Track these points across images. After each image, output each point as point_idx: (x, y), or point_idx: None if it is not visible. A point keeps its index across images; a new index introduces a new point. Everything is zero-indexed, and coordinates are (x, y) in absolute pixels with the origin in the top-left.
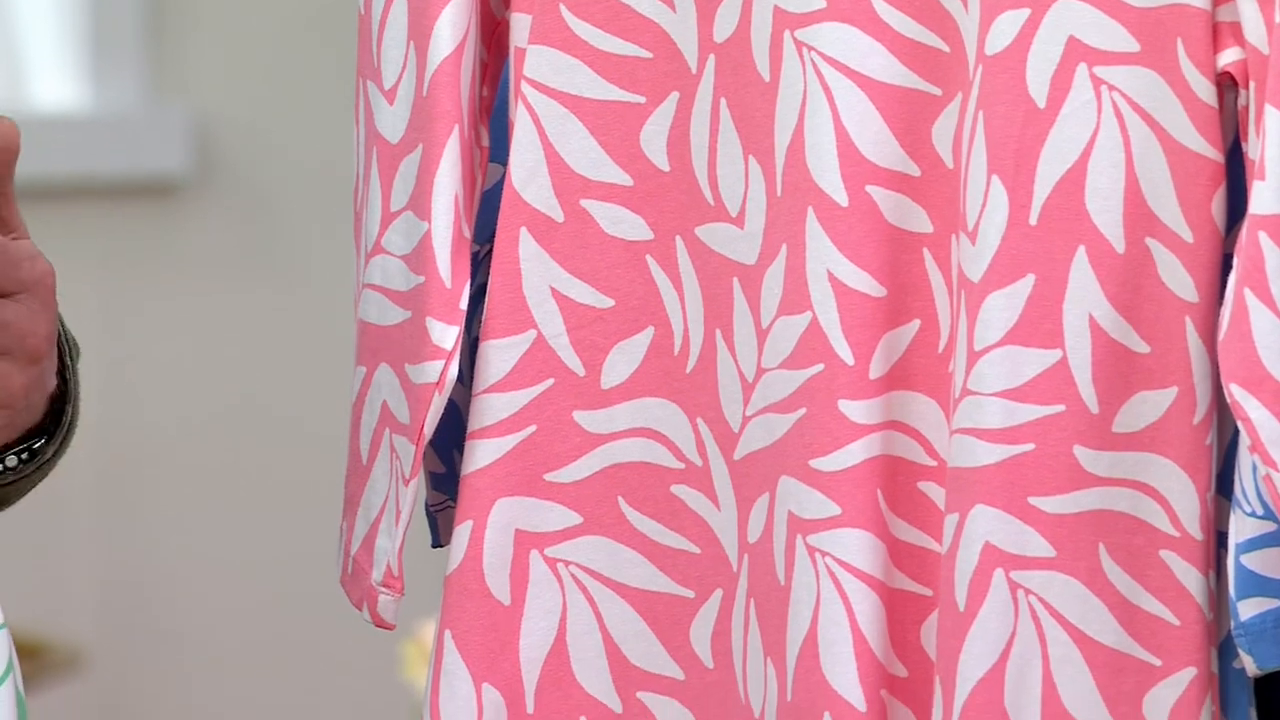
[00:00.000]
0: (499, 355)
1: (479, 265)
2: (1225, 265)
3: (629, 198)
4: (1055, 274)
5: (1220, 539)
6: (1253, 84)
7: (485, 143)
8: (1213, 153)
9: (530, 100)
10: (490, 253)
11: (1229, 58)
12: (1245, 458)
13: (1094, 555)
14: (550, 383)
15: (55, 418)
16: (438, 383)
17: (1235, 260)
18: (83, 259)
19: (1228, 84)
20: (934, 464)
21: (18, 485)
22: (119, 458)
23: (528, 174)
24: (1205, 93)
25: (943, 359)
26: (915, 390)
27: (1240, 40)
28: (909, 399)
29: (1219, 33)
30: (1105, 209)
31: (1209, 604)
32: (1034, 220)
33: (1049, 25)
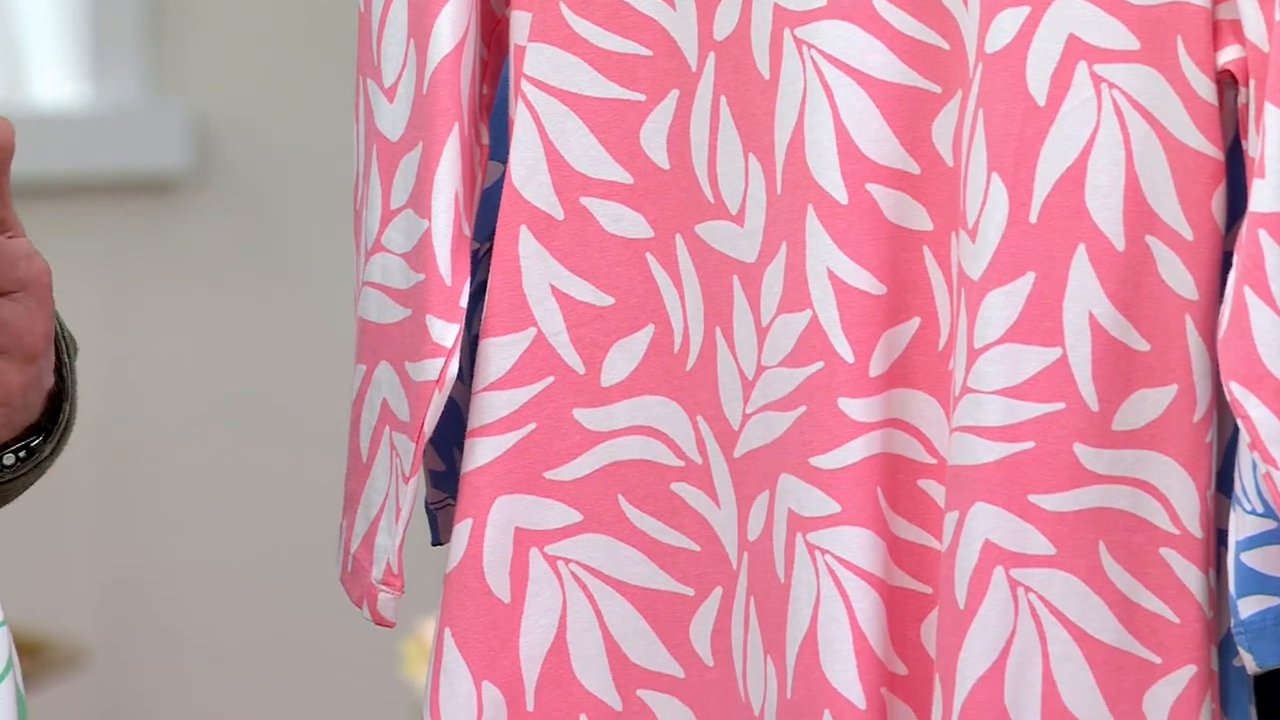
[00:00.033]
0: (499, 353)
1: (479, 263)
2: (1225, 263)
3: (629, 195)
4: (1055, 272)
5: (1220, 537)
6: (1253, 82)
7: (485, 140)
8: (1213, 150)
9: (530, 98)
10: (490, 250)
11: (1229, 55)
12: (1245, 455)
13: (1094, 553)
14: (550, 380)
15: (53, 416)
16: (438, 380)
17: (1235, 258)
18: (82, 256)
19: (1228, 82)
20: (934, 462)
21: (15, 484)
22: (119, 454)
23: (528, 172)
24: (1205, 90)
25: (943, 357)
26: (915, 388)
27: (1240, 38)
28: (909, 397)
29: (1219, 30)
30: (1105, 207)
31: (1209, 602)
32: (1034, 218)
33: (1049, 23)
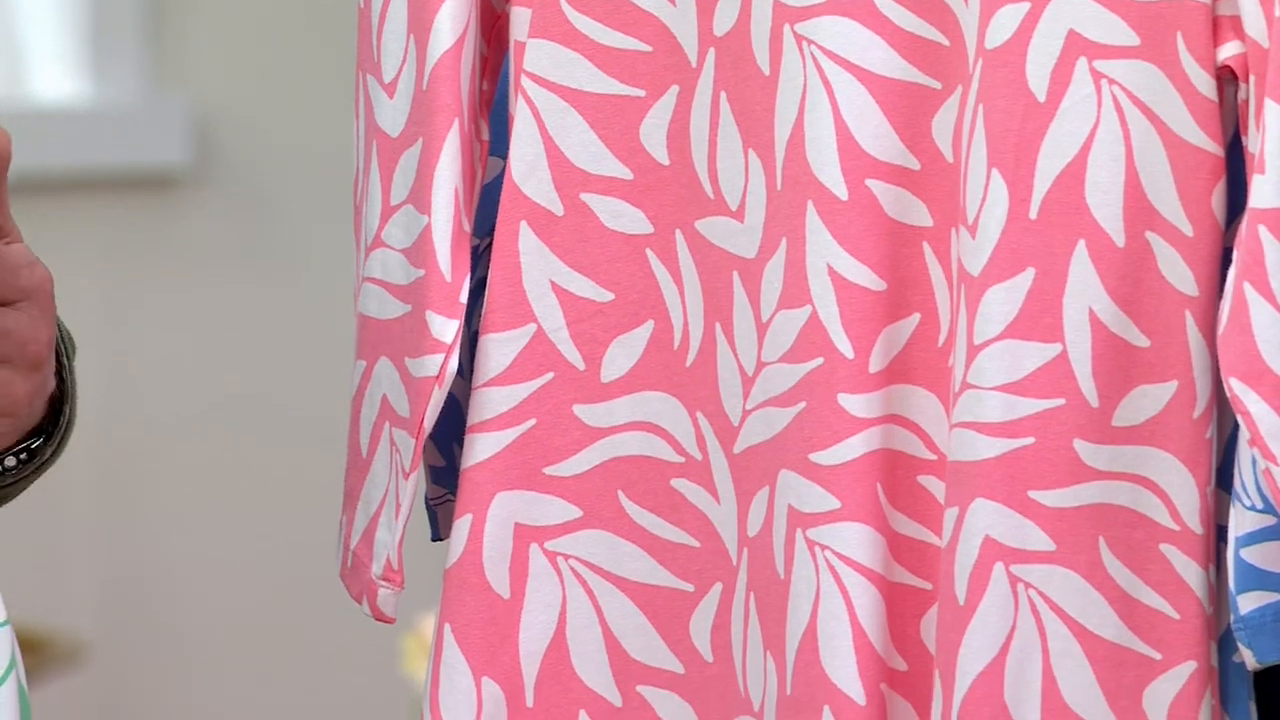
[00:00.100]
0: (499, 349)
1: (479, 259)
2: (1225, 259)
3: (629, 191)
4: (1055, 268)
5: (1220, 533)
6: (1253, 78)
7: (485, 136)
8: (1213, 146)
9: (530, 94)
10: (490, 246)
11: (1229, 51)
12: (1245, 452)
13: (1094, 549)
14: (550, 376)
15: (53, 418)
16: (437, 376)
17: (1235, 254)
18: (82, 252)
19: (1227, 78)
20: (934, 458)
21: (15, 485)
22: (119, 450)
23: (528, 168)
24: (1205, 86)
25: (942, 353)
26: (915, 384)
27: (1240, 34)
28: (909, 393)
29: (1219, 26)
30: (1105, 203)
31: (1209, 598)
32: (1034, 214)
33: (1049, 19)
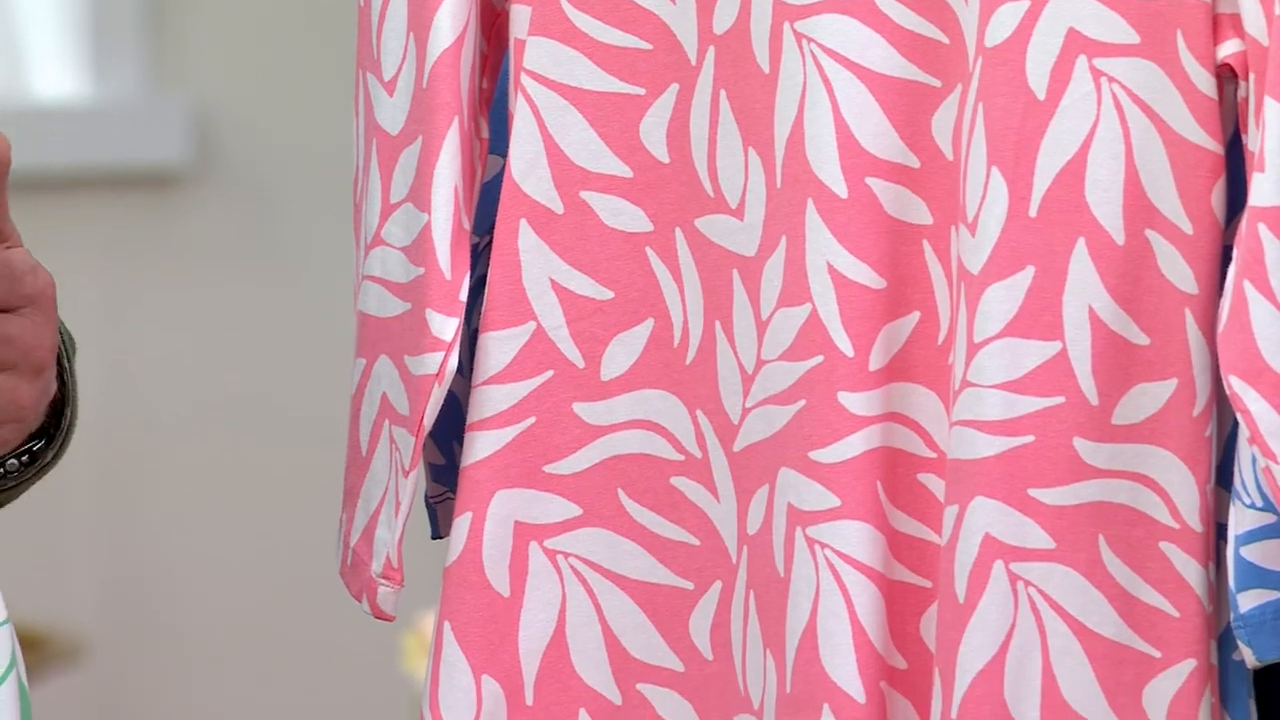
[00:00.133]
0: (498, 347)
1: (479, 257)
2: (1225, 257)
3: (629, 189)
4: (1055, 266)
5: (1220, 531)
6: (1252, 76)
7: (485, 134)
8: (1212, 145)
9: (530, 92)
10: (490, 244)
11: (1229, 50)
12: (1245, 450)
13: (1094, 547)
14: (550, 374)
15: (54, 420)
16: (437, 374)
17: (1235, 252)
18: (82, 250)
19: (1227, 76)
20: (934, 456)
21: (16, 488)
22: (119, 448)
23: (527, 166)
24: (1205, 85)
25: (942, 351)
26: (915, 382)
27: (1240, 32)
28: (909, 391)
29: (1219, 25)
30: (1105, 201)
31: (1209, 596)
32: (1034, 212)
33: (1049, 17)
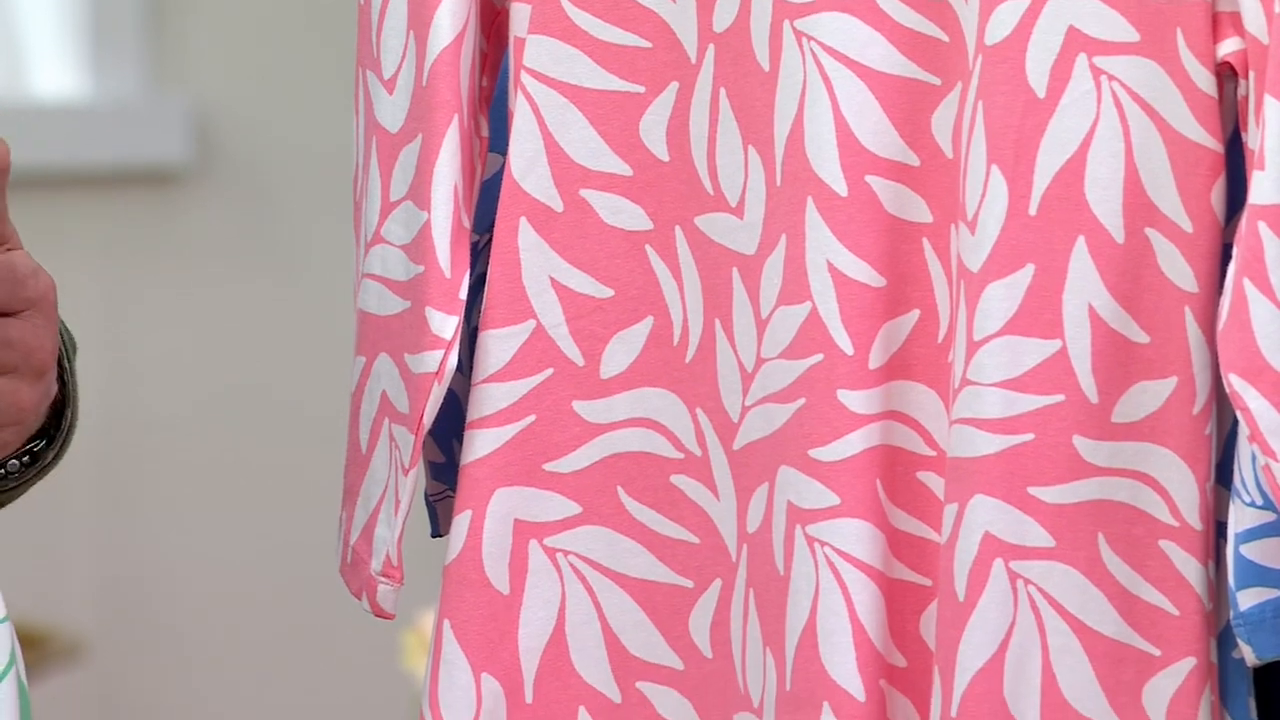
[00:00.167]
0: (498, 345)
1: (478, 255)
2: (1225, 255)
3: (628, 187)
4: (1055, 264)
5: (1220, 529)
6: (1252, 74)
7: (485, 132)
8: (1212, 143)
9: (530, 90)
10: (490, 242)
11: (1229, 48)
12: (1245, 447)
13: (1093, 545)
14: (549, 372)
15: (55, 420)
16: (437, 372)
17: (1235, 250)
18: (82, 248)
19: (1227, 74)
20: (933, 454)
21: (17, 488)
22: (119, 446)
23: (527, 164)
24: (1205, 83)
25: (942, 349)
26: (914, 380)
27: (1240, 30)
28: (908, 389)
29: (1218, 23)
30: (1105, 199)
31: (1208, 594)
32: (1033, 210)
33: (1049, 15)
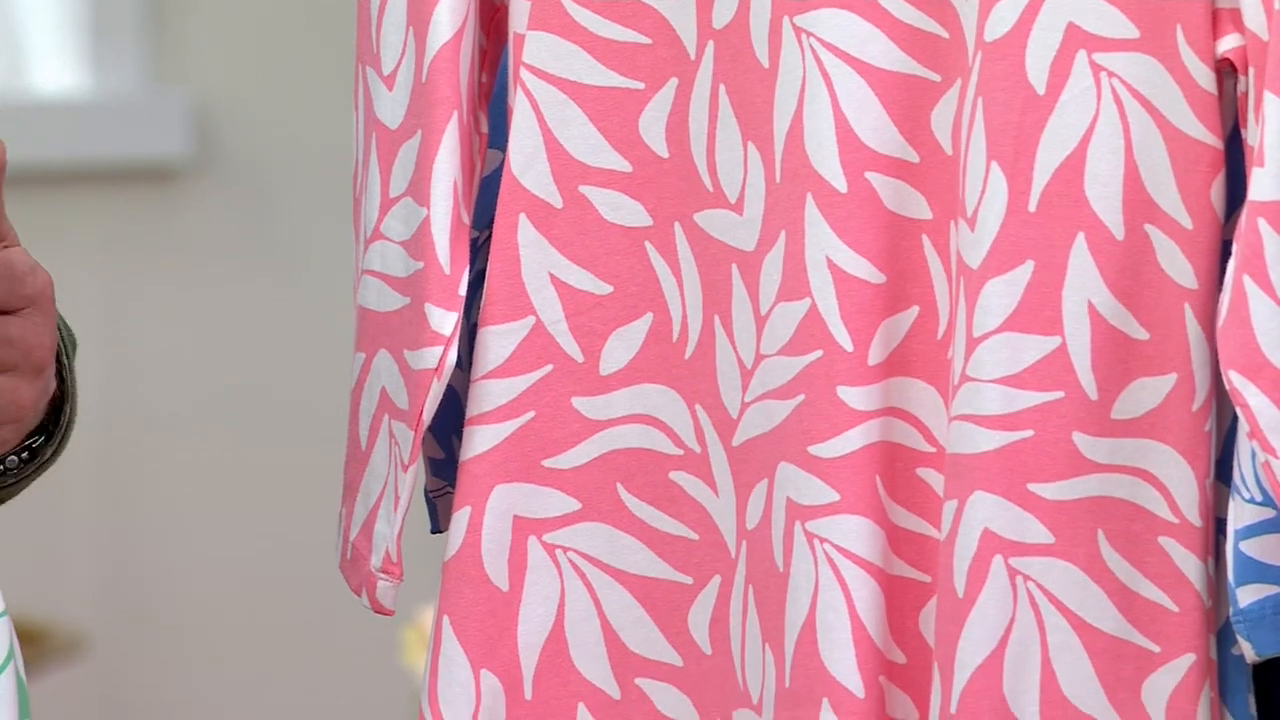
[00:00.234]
0: (498, 341)
1: (478, 251)
2: (1225, 252)
3: (628, 184)
4: (1054, 260)
5: (1219, 525)
6: (1252, 70)
7: (484, 129)
8: (1212, 139)
9: (529, 86)
10: (489, 239)
11: (1228, 44)
12: (1244, 444)
13: (1093, 542)
14: (549, 369)
15: (54, 416)
16: (436, 369)
17: (1234, 247)
18: (82, 244)
19: (1227, 70)
20: (933, 450)
21: (16, 485)
22: (119, 442)
23: (527, 160)
24: (1205, 79)
25: (942, 345)
26: (914, 377)
27: (1240, 27)
28: (908, 385)
29: (1218, 19)
30: (1104, 195)
31: (1208, 590)
32: (1033, 207)
33: (1048, 12)
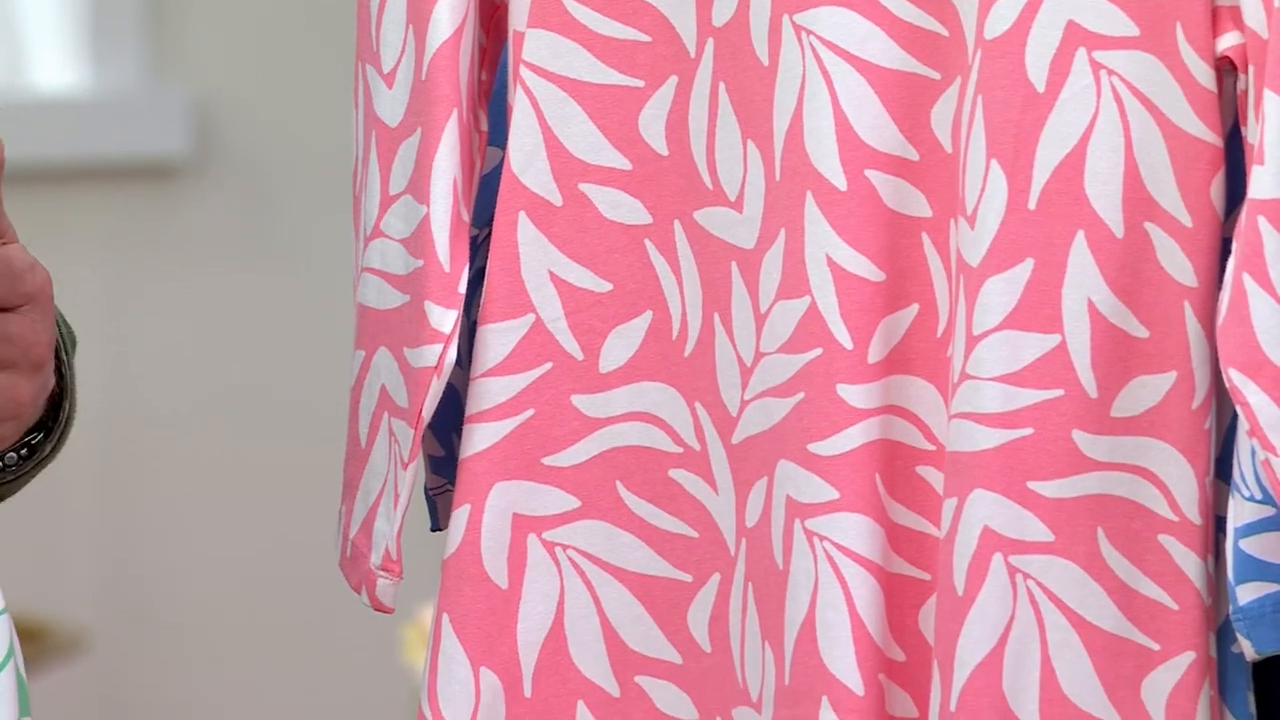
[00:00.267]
0: (497, 339)
1: (478, 249)
2: (1224, 250)
3: (627, 182)
4: (1054, 258)
5: (1219, 523)
6: (1252, 68)
7: (484, 127)
8: (1212, 137)
9: (529, 84)
10: (489, 237)
11: (1228, 42)
12: (1244, 442)
13: (1093, 540)
14: (548, 366)
15: (53, 414)
16: (436, 366)
17: (1234, 245)
18: (82, 241)
19: (1227, 69)
20: (933, 448)
21: (15, 481)
22: (119, 440)
23: (526, 158)
24: (1204, 77)
25: (941, 343)
26: (914, 375)
27: (1239, 25)
28: (907, 383)
29: (1218, 17)
30: (1104, 194)
31: (1207, 589)
32: (1033, 205)
33: (1048, 10)
